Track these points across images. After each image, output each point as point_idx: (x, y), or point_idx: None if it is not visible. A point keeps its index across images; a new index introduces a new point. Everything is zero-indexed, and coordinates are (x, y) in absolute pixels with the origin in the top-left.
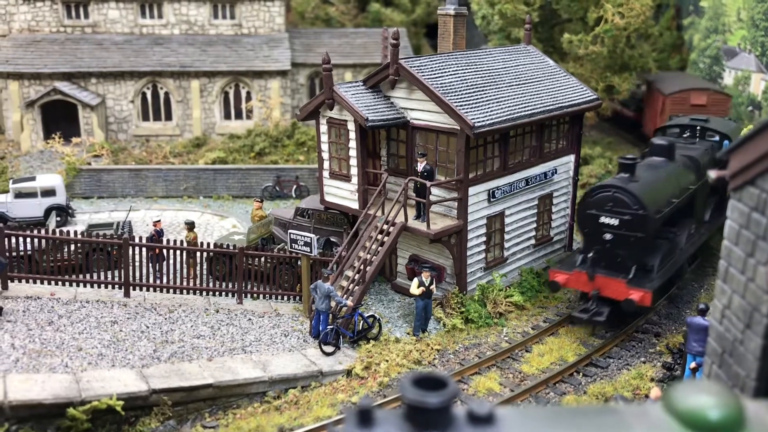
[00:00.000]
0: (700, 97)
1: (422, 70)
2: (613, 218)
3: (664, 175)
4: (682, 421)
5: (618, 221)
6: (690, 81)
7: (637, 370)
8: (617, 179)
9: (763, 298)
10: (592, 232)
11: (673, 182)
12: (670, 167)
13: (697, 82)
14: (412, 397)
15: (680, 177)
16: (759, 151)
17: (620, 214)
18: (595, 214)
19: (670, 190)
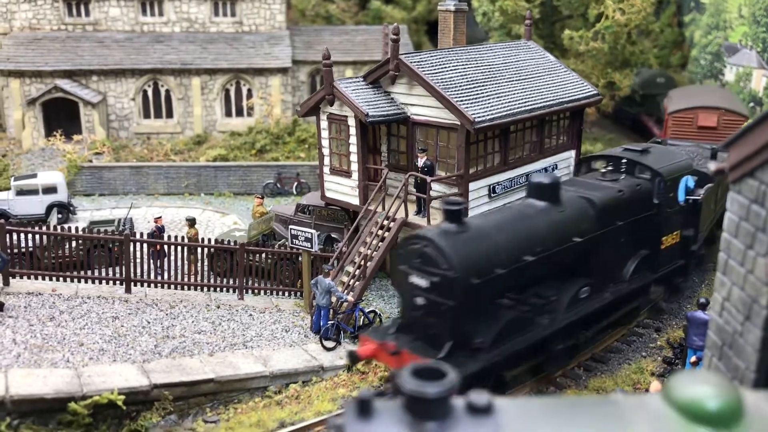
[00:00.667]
0: (709, 117)
1: (422, 65)
2: (423, 278)
3: (521, 225)
4: (681, 412)
5: (428, 283)
6: (710, 97)
7: (638, 365)
8: (436, 229)
9: (763, 289)
10: (404, 292)
11: (533, 234)
12: (540, 214)
13: (715, 98)
14: (411, 388)
15: (555, 227)
16: (758, 143)
17: (430, 274)
18: (405, 271)
19: (521, 246)
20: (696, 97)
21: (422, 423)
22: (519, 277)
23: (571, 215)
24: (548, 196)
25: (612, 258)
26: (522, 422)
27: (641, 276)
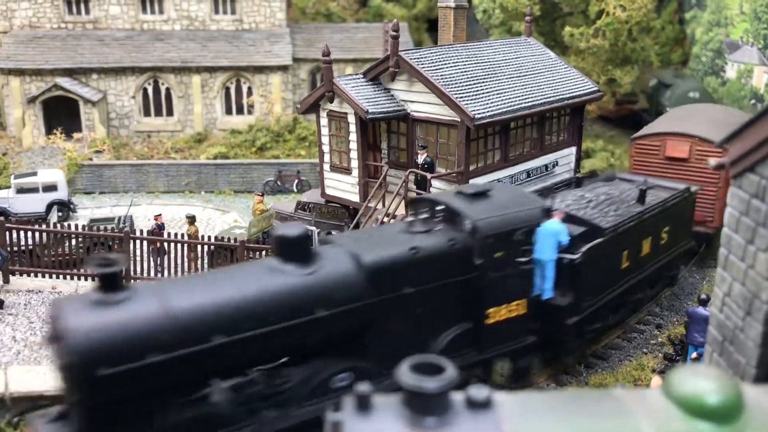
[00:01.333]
0: (678, 146)
1: (422, 61)
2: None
3: (217, 294)
4: (681, 406)
5: None
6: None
7: (639, 361)
8: (76, 299)
9: (764, 284)
10: None
11: (237, 306)
12: (267, 278)
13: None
14: (410, 383)
15: (285, 296)
16: (758, 137)
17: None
18: None
19: (209, 321)
20: (678, 121)
21: (421, 418)
22: (207, 364)
23: (319, 280)
24: (296, 254)
25: (405, 334)
26: (522, 416)
27: (460, 356)
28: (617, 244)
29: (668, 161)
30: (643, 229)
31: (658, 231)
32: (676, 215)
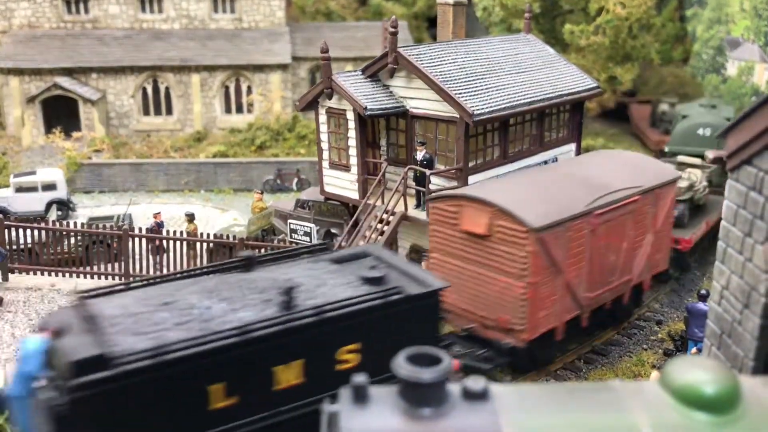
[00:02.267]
0: (476, 218)
1: (421, 58)
2: None
3: None
4: (678, 397)
5: None
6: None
7: (638, 357)
8: None
9: (762, 277)
10: None
11: None
12: None
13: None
14: (406, 374)
15: None
16: (756, 129)
17: None
18: None
19: None
20: (522, 179)
21: (418, 409)
22: None
23: None
24: None
25: None
26: (519, 407)
27: None
28: (181, 378)
29: (467, 237)
30: (270, 349)
31: (325, 352)
32: (382, 327)
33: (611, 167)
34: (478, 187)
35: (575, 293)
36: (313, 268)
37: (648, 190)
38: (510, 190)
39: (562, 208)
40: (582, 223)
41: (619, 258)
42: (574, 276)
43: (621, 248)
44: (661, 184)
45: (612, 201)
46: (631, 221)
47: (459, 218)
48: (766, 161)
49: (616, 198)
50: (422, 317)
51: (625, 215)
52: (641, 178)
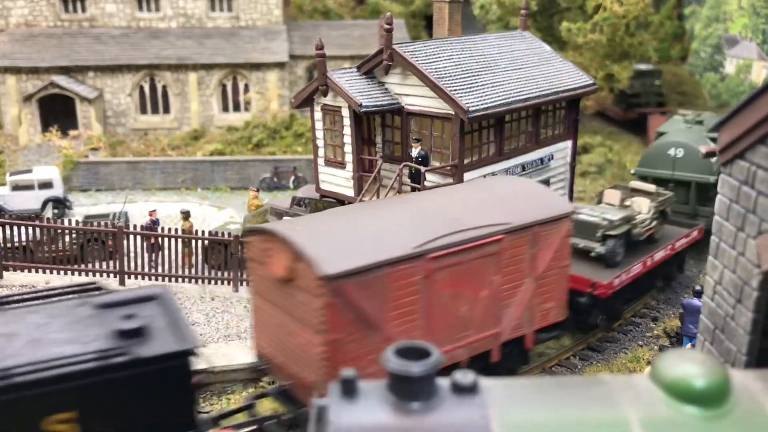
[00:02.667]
0: (278, 258)
1: (416, 54)
2: None
3: None
4: (668, 391)
5: None
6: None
7: (634, 354)
8: None
9: (754, 271)
10: None
11: None
12: None
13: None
14: (395, 367)
15: None
16: (748, 123)
17: None
18: None
19: None
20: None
21: (407, 403)
22: None
23: None
24: None
25: None
26: (508, 401)
27: None
28: None
29: (275, 279)
30: None
31: (26, 421)
32: (105, 394)
33: (479, 199)
34: (296, 221)
35: None
36: (58, 315)
37: (522, 228)
38: (326, 225)
39: (378, 251)
40: (409, 268)
41: (475, 309)
42: (401, 332)
43: (478, 298)
44: (544, 221)
45: (457, 242)
46: (494, 265)
47: (268, 257)
48: (758, 155)
49: (464, 238)
50: (163, 385)
51: (481, 258)
52: (515, 213)
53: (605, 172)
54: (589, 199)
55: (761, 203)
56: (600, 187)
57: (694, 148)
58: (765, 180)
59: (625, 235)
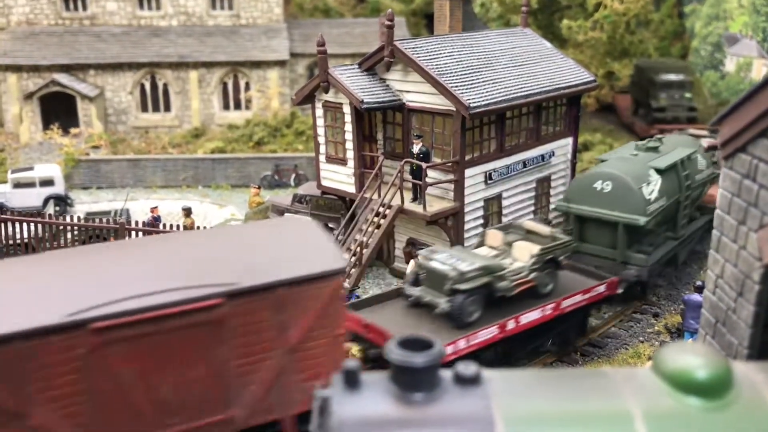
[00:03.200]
0: None
1: (417, 51)
2: None
3: None
4: (670, 382)
5: None
6: None
7: (635, 350)
8: None
9: (755, 264)
10: None
11: None
12: None
13: None
14: (398, 358)
15: None
16: (748, 117)
17: None
18: None
19: None
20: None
21: (409, 394)
22: None
23: None
24: None
25: None
26: (511, 393)
27: None
28: None
29: None
30: None
31: None
32: None
33: (207, 252)
34: None
35: None
36: None
37: (257, 290)
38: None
39: (16, 319)
40: (62, 341)
41: (185, 391)
42: (59, 418)
43: (189, 376)
44: (296, 281)
45: (141, 308)
46: (213, 336)
47: None
48: (759, 148)
49: (152, 303)
50: None
51: (187, 328)
52: (249, 271)
53: None
54: None
55: (763, 196)
56: None
57: (624, 182)
58: (766, 173)
59: (482, 288)
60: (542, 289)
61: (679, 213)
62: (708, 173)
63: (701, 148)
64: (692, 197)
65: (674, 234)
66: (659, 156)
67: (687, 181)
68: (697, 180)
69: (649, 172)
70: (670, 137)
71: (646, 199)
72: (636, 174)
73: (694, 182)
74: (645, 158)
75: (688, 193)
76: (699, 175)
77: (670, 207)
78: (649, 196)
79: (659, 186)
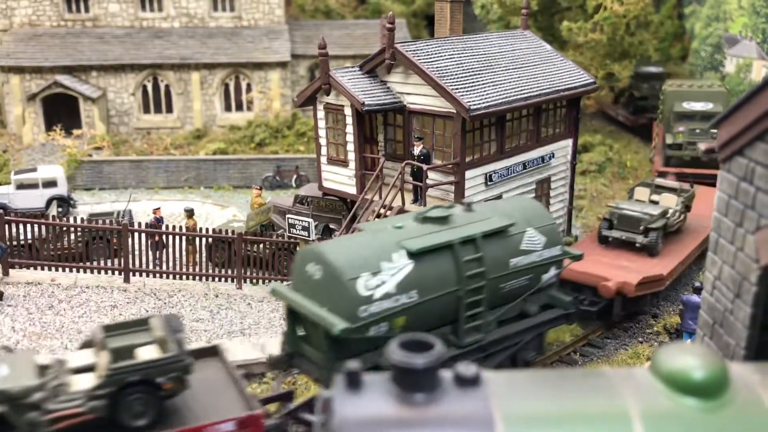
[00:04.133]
0: None
1: (418, 53)
2: None
3: None
4: (667, 383)
5: None
6: None
7: (634, 350)
8: None
9: (752, 266)
10: None
11: None
12: None
13: None
14: (399, 359)
15: None
16: (746, 120)
17: None
18: None
19: None
20: None
21: (410, 395)
22: None
23: None
24: None
25: None
26: (510, 393)
27: None
28: None
29: None
30: None
31: None
32: None
33: None
34: None
35: None
36: None
37: None
38: None
39: None
40: None
41: None
42: None
43: None
44: None
45: None
46: None
47: None
48: (756, 151)
49: None
50: None
51: None
52: None
53: (605, 170)
54: (589, 197)
55: (760, 199)
56: (601, 185)
57: (333, 269)
58: (763, 176)
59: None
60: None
61: (461, 313)
62: (550, 255)
63: (545, 217)
64: (500, 290)
65: (457, 341)
66: (441, 229)
67: (478, 267)
68: (512, 265)
69: (391, 255)
70: (510, 200)
71: (360, 296)
72: (361, 257)
73: (502, 269)
74: (402, 233)
75: (479, 284)
76: (520, 258)
77: (433, 305)
78: (369, 291)
79: (405, 276)
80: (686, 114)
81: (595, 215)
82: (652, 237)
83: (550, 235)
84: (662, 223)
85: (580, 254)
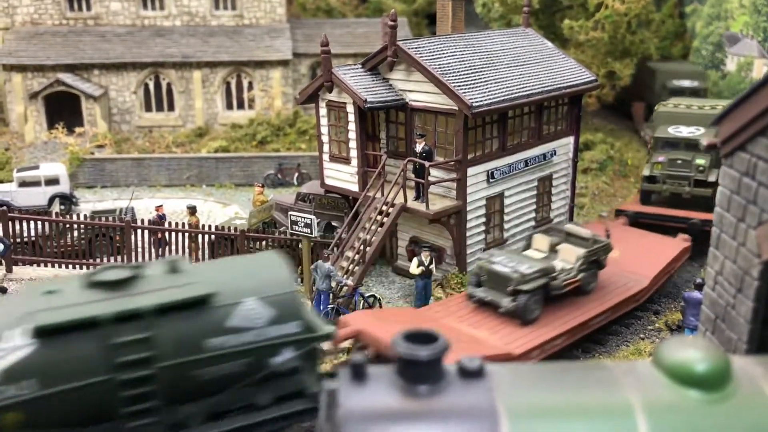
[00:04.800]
0: None
1: (420, 51)
2: None
3: None
4: (670, 375)
5: None
6: None
7: (636, 347)
8: None
9: (754, 261)
10: None
11: None
12: None
13: None
14: (404, 351)
15: None
16: (748, 116)
17: None
18: None
19: None
20: None
21: (414, 386)
22: None
23: None
24: None
25: None
26: (514, 385)
27: None
28: None
29: None
30: None
31: None
32: None
33: None
34: None
35: None
36: None
37: None
38: None
39: None
40: None
41: None
42: None
43: None
44: None
45: None
46: None
47: None
48: (758, 147)
49: None
50: None
51: None
52: None
53: (607, 168)
54: (591, 195)
55: (762, 194)
56: (602, 183)
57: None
58: (765, 171)
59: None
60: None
61: (119, 409)
62: (279, 333)
63: (281, 285)
64: (194, 379)
65: None
66: (109, 298)
67: (142, 352)
68: (210, 347)
69: (1, 334)
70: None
71: None
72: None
73: (191, 352)
74: (43, 302)
75: (143, 372)
76: (225, 338)
77: (67, 400)
78: None
79: (17, 361)
80: (669, 141)
81: (597, 213)
82: (520, 301)
83: (282, 307)
84: (539, 283)
85: (330, 332)
